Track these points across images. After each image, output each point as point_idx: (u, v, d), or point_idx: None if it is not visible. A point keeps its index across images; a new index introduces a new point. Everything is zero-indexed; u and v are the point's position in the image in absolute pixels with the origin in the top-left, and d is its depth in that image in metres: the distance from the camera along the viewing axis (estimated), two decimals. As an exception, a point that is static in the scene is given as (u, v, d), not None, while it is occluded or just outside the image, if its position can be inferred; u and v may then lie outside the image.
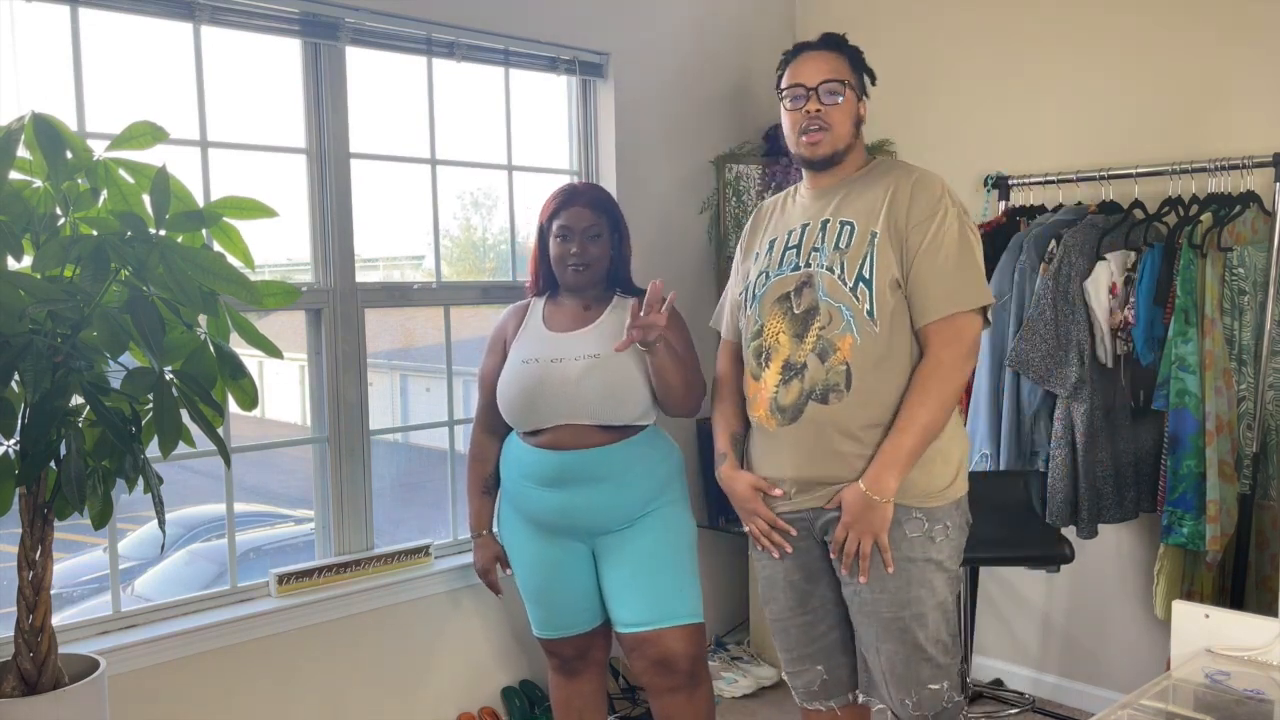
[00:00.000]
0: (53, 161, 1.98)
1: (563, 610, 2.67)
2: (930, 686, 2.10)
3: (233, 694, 2.75)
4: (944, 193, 2.09)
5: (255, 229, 2.20)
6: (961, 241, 2.06)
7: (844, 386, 2.06)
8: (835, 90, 2.13)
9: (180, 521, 3.59)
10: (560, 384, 2.53)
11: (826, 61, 2.15)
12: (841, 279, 2.08)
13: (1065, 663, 3.46)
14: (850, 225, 2.11)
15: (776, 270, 2.18)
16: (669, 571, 2.59)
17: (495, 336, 2.74)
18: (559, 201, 2.63)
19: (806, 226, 2.17)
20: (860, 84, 2.20)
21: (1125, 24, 3.19)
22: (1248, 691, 1.71)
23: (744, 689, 3.54)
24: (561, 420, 2.54)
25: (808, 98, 2.13)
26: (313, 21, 2.84)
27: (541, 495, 2.58)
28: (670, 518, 2.61)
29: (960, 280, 2.05)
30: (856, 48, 2.21)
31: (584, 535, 2.61)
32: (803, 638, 2.24)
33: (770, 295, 2.17)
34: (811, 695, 2.27)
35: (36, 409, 1.91)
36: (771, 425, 2.15)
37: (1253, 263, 2.79)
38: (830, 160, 2.16)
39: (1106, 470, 2.94)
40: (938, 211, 2.06)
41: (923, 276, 2.05)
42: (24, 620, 2.09)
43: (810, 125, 2.13)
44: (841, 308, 2.07)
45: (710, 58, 3.76)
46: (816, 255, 2.12)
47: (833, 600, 2.21)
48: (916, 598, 2.07)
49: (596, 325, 2.61)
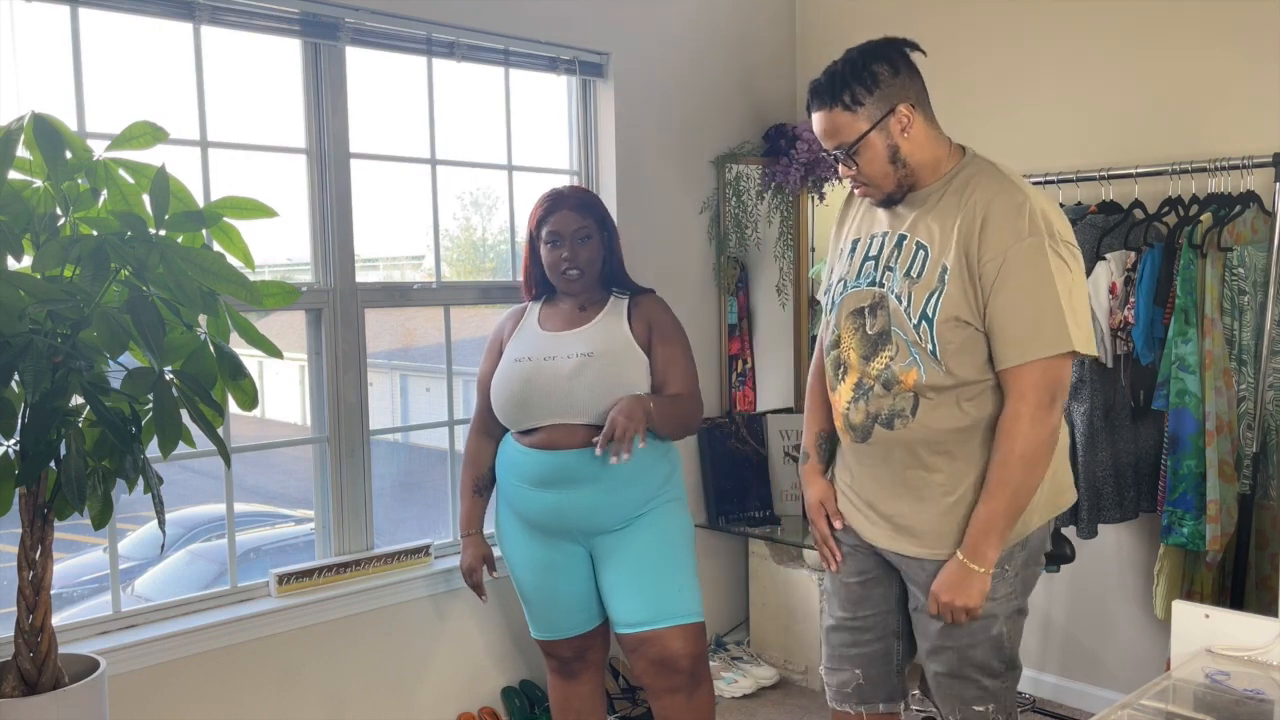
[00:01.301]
0: (53, 161, 1.98)
1: (560, 612, 2.67)
2: (975, 708, 2.07)
3: (233, 694, 2.75)
4: (1025, 216, 1.86)
5: (255, 229, 2.21)
6: (1040, 276, 1.84)
7: (909, 413, 1.97)
8: (851, 150, 1.96)
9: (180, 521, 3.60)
10: (552, 382, 2.52)
11: (831, 121, 1.96)
12: (908, 312, 1.95)
13: (1065, 663, 3.46)
14: (924, 250, 1.95)
15: (855, 281, 2.06)
16: (668, 570, 2.57)
17: (493, 340, 2.75)
18: (545, 208, 2.64)
19: (887, 235, 2.03)
20: (881, 115, 1.93)
21: (1125, 24, 3.19)
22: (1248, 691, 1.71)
23: (744, 689, 3.53)
24: (554, 419, 2.53)
25: (838, 161, 2.00)
26: (313, 21, 2.84)
27: (536, 496, 2.58)
28: (668, 516, 2.60)
29: (1035, 323, 1.85)
30: (851, 86, 1.93)
31: (580, 536, 2.60)
32: (848, 640, 2.20)
33: (846, 307, 2.07)
34: (844, 697, 2.23)
35: (36, 409, 1.91)
36: (846, 439, 2.12)
37: (1253, 263, 2.79)
38: (894, 198, 2.01)
39: (1106, 470, 2.94)
40: (1013, 242, 1.85)
41: (995, 318, 1.87)
42: (24, 620, 2.09)
43: (855, 183, 2.03)
44: (909, 344, 1.96)
45: (710, 58, 3.76)
46: (890, 276, 1.99)
47: (884, 611, 2.17)
48: (969, 631, 2.03)
49: (591, 324, 2.62)
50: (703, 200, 3.77)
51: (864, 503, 2.12)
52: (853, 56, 1.97)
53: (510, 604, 3.29)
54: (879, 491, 2.09)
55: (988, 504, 1.93)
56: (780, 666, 3.66)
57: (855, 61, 1.95)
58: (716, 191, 3.79)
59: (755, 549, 3.78)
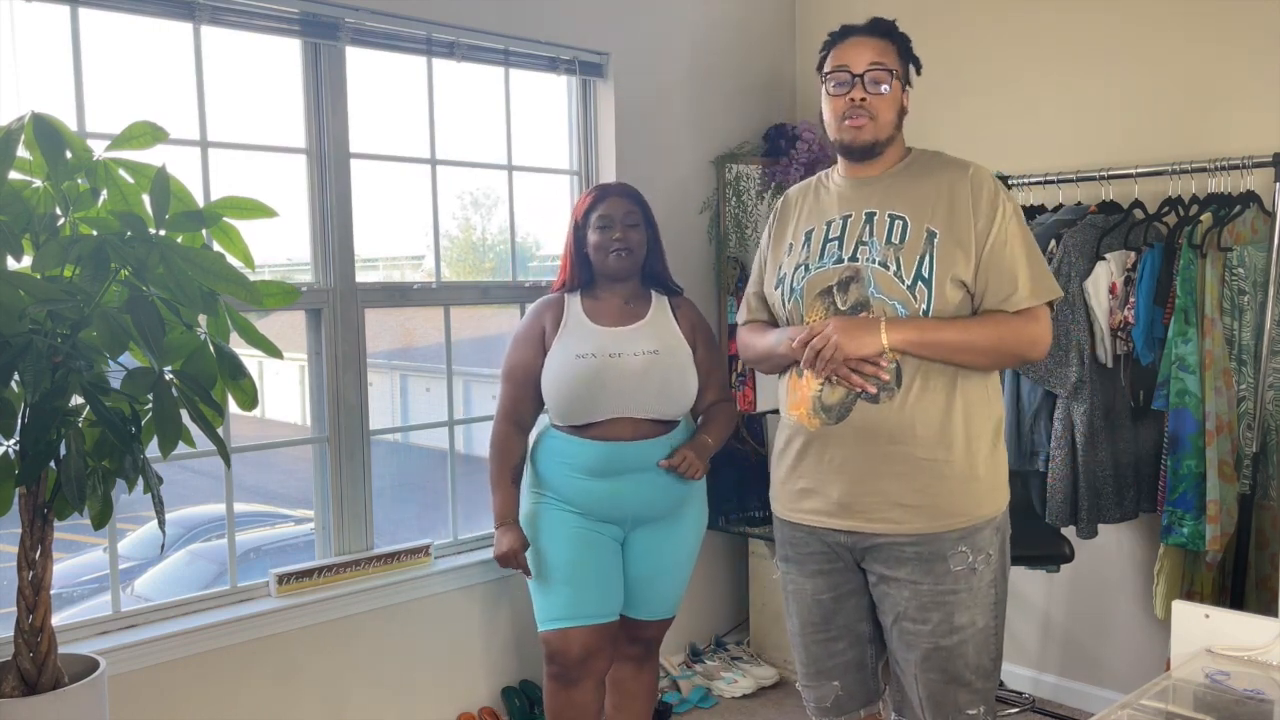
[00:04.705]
0: (53, 161, 1.98)
1: (591, 592, 2.62)
2: (968, 712, 2.06)
3: (232, 694, 2.75)
4: (998, 186, 2.05)
5: (255, 229, 2.21)
6: (1027, 234, 2.04)
7: (895, 384, 1.98)
8: (880, 79, 2.04)
9: (180, 521, 3.59)
10: (622, 378, 2.57)
11: (874, 47, 2.05)
12: (899, 275, 1.98)
13: (1065, 663, 3.46)
14: (902, 220, 2.02)
15: (817, 263, 2.07)
16: (683, 573, 2.76)
17: (528, 331, 2.70)
18: (595, 195, 2.72)
19: (849, 218, 2.07)
20: (906, 73, 2.10)
21: (1125, 24, 3.19)
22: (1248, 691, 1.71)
23: (744, 689, 3.53)
24: (619, 413, 2.58)
25: (853, 84, 2.03)
26: (313, 21, 2.84)
27: (591, 485, 2.61)
28: (699, 515, 2.78)
29: (1041, 272, 2.03)
30: (905, 35, 2.12)
31: (625, 522, 2.66)
32: (821, 654, 2.18)
33: (811, 289, 2.07)
34: (824, 711, 2.23)
35: (36, 409, 1.92)
36: (814, 425, 2.05)
37: (1253, 263, 2.79)
38: (871, 150, 2.06)
39: (1106, 470, 2.94)
40: (999, 206, 2.01)
41: (1003, 266, 1.99)
42: (24, 620, 2.09)
43: (854, 111, 2.04)
44: (896, 304, 1.98)
45: (710, 58, 3.76)
46: (865, 249, 2.02)
47: (855, 620, 2.15)
48: (959, 627, 2.02)
49: (649, 321, 2.68)
50: (703, 200, 3.77)
51: (840, 493, 2.04)
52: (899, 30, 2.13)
53: (511, 604, 3.29)
54: (855, 479, 2.03)
55: (953, 322, 1.98)
56: (780, 666, 3.66)
57: (904, 34, 2.14)
58: (716, 191, 3.79)
59: (755, 549, 3.78)
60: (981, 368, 2.04)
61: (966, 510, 2.01)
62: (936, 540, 2.00)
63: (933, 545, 2.00)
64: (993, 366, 2.07)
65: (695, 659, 3.69)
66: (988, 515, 2.04)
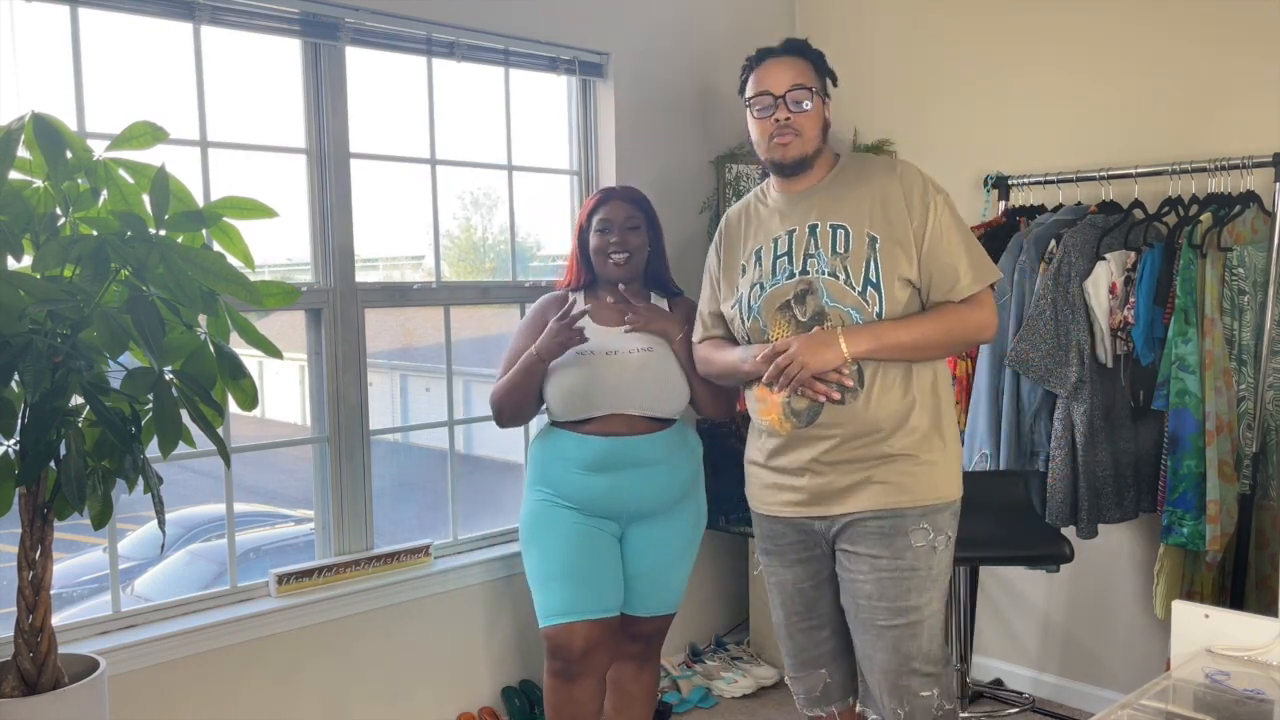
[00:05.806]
0: (53, 161, 1.98)
1: (592, 586, 2.63)
2: (922, 694, 2.13)
3: (232, 694, 2.75)
4: (926, 180, 2.15)
5: (255, 229, 2.21)
6: (960, 223, 2.15)
7: (858, 385, 2.09)
8: (801, 98, 2.14)
9: (180, 521, 3.59)
10: (618, 375, 2.61)
11: (792, 68, 2.16)
12: (849, 284, 2.10)
13: (1065, 662, 3.46)
14: (844, 229, 2.13)
15: (771, 280, 2.18)
16: (682, 568, 2.77)
17: (533, 321, 2.74)
18: (598, 199, 2.75)
19: (794, 233, 2.18)
20: (824, 88, 2.22)
21: (1125, 24, 3.19)
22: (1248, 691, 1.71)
23: (744, 689, 3.53)
24: (614, 410, 2.62)
25: (776, 105, 2.14)
26: (313, 21, 2.84)
27: (589, 480, 2.63)
28: (698, 511, 2.79)
29: (979, 259, 2.13)
30: (819, 51, 2.23)
31: (623, 518, 2.67)
32: (807, 643, 2.29)
33: (770, 305, 2.17)
34: (814, 701, 2.32)
35: (36, 409, 1.91)
36: (785, 429, 2.16)
37: (1253, 263, 2.79)
38: (801, 164, 2.18)
39: (1106, 470, 2.94)
40: (929, 202, 2.12)
41: (942, 260, 2.10)
42: (24, 620, 2.09)
43: (780, 130, 2.15)
44: (850, 311, 2.09)
45: (710, 57, 3.76)
46: (814, 261, 2.13)
47: (835, 607, 2.25)
48: (914, 607, 2.10)
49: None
50: (703, 200, 3.77)
51: (814, 486, 2.15)
52: (812, 48, 2.24)
53: (511, 603, 3.29)
54: (832, 466, 2.13)
55: (906, 322, 2.08)
56: (780, 666, 3.66)
57: (817, 51, 2.24)
58: (716, 191, 3.79)
59: (755, 549, 3.78)
60: (937, 358, 2.16)
61: (929, 490, 2.12)
62: (900, 516, 2.10)
63: (896, 521, 2.10)
64: (947, 355, 2.21)
65: (695, 659, 3.69)
66: (947, 499, 2.15)
